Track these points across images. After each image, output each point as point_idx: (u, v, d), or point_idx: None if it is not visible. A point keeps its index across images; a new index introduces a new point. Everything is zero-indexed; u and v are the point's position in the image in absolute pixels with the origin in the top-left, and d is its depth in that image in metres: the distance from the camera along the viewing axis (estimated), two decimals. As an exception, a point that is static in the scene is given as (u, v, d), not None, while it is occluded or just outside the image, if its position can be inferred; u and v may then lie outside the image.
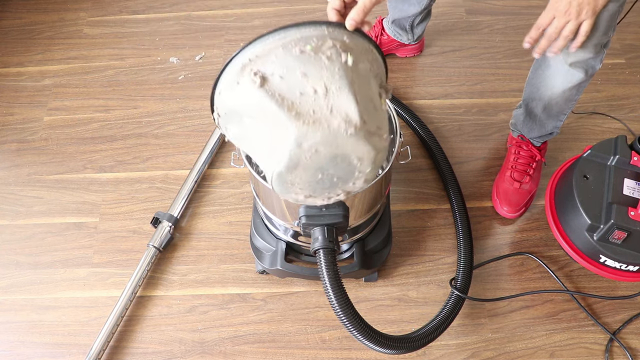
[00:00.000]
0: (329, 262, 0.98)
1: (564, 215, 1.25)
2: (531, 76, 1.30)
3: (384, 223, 1.27)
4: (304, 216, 0.99)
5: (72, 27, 1.86)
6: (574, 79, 1.17)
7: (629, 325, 1.28)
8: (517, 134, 1.46)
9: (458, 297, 1.23)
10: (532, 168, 1.43)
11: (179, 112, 1.64)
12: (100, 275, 1.37)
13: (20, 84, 1.73)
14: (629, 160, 1.21)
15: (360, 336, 0.99)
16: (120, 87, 1.70)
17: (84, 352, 1.25)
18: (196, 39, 1.81)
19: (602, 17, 1.02)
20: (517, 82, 1.66)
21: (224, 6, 1.89)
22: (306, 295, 1.33)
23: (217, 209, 1.46)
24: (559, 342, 1.26)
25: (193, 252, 1.40)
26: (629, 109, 1.61)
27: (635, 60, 1.71)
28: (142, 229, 1.43)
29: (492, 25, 1.81)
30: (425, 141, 1.52)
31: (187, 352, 1.26)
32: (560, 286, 1.32)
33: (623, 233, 1.13)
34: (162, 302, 1.33)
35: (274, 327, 1.29)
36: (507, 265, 1.37)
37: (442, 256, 1.38)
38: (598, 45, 1.10)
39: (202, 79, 1.71)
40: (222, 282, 1.35)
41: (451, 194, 1.41)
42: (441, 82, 1.68)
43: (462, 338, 1.27)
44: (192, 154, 1.55)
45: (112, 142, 1.59)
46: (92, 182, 1.52)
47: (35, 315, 1.32)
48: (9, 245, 1.42)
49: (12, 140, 1.60)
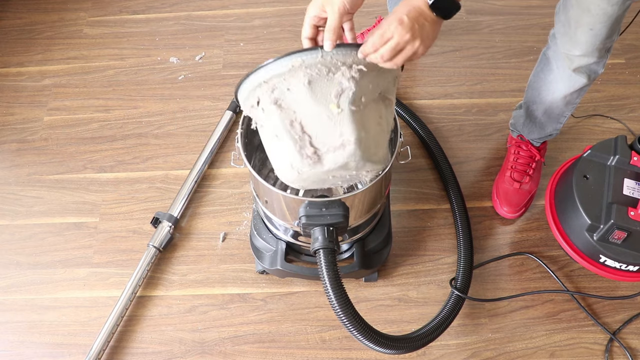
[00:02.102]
0: (329, 262, 0.98)
1: (564, 215, 1.25)
2: (533, 79, 1.30)
3: (384, 223, 1.27)
4: (304, 216, 0.99)
5: (72, 27, 1.86)
6: (576, 84, 1.17)
7: (629, 325, 1.28)
8: (516, 134, 1.46)
9: (458, 297, 1.23)
10: (532, 168, 1.43)
11: (179, 112, 1.64)
12: (100, 275, 1.37)
13: (20, 84, 1.73)
14: (629, 160, 1.21)
15: (360, 336, 0.99)
16: (120, 87, 1.70)
17: (84, 352, 1.25)
18: (196, 39, 1.81)
19: (607, 21, 1.01)
20: (517, 82, 1.66)
21: (224, 6, 1.89)
22: (306, 295, 1.33)
23: (217, 209, 1.46)
24: (559, 342, 1.26)
25: (193, 252, 1.40)
26: (629, 109, 1.61)
27: (635, 60, 1.71)
28: (142, 229, 1.43)
29: (492, 25, 1.81)
30: (425, 141, 1.52)
31: (187, 352, 1.26)
32: (560, 286, 1.32)
33: (623, 233, 1.13)
34: (162, 302, 1.33)
35: (274, 327, 1.29)
36: (507, 265, 1.37)
37: (442, 256, 1.38)
38: (602, 50, 1.09)
39: (202, 79, 1.71)
40: (222, 282, 1.35)
41: (451, 194, 1.41)
42: (441, 82, 1.68)
43: (462, 338, 1.27)
44: (192, 154, 1.55)
45: (112, 142, 1.59)
46: (92, 182, 1.52)
47: (35, 315, 1.32)
48: (9, 245, 1.42)
49: (12, 140, 1.60)
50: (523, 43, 1.76)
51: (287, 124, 0.86)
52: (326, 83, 0.83)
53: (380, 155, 0.91)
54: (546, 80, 1.23)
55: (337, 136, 0.85)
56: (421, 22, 0.80)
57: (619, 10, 1.00)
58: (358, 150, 0.85)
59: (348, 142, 0.85)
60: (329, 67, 0.83)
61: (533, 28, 1.79)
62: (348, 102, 0.84)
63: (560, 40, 1.12)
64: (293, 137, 0.86)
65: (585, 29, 1.04)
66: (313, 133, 0.86)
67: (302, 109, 0.85)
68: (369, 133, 0.87)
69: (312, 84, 0.83)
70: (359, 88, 0.84)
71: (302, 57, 0.83)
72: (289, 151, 0.87)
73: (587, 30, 1.04)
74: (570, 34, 1.08)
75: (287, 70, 0.83)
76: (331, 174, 0.89)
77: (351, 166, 0.87)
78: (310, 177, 0.90)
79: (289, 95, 0.85)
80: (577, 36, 1.07)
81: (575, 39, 1.08)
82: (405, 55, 0.81)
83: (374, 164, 0.90)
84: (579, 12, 1.03)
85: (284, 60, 0.83)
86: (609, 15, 1.00)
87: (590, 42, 1.06)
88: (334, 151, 0.86)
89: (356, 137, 0.84)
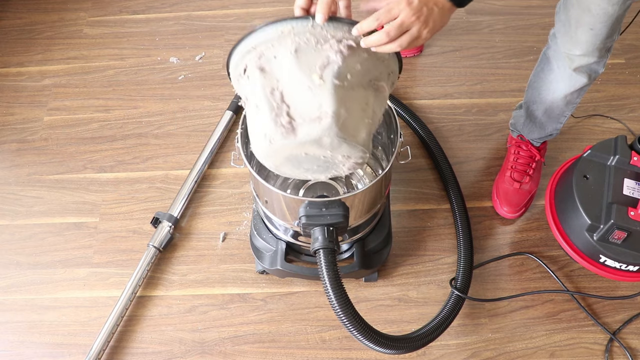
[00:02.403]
0: (329, 262, 0.98)
1: (564, 215, 1.25)
2: (533, 79, 1.30)
3: (384, 223, 1.27)
4: (304, 216, 0.99)
5: (72, 27, 1.86)
6: (577, 84, 1.17)
7: (629, 325, 1.28)
8: (516, 134, 1.46)
9: (458, 297, 1.23)
10: (532, 168, 1.43)
11: (179, 112, 1.64)
12: (100, 275, 1.37)
13: (20, 84, 1.73)
14: (629, 160, 1.20)
15: (360, 336, 0.99)
16: (120, 87, 1.70)
17: (84, 352, 1.25)
18: (196, 39, 1.81)
19: (608, 21, 1.01)
20: (517, 82, 1.66)
21: (224, 6, 1.89)
22: (306, 295, 1.33)
23: (217, 209, 1.46)
24: (559, 342, 1.26)
25: (193, 252, 1.40)
26: (629, 109, 1.61)
27: (635, 60, 1.71)
28: (142, 229, 1.43)
29: (492, 25, 1.81)
30: (425, 141, 1.52)
31: (187, 352, 1.26)
32: (560, 286, 1.32)
33: (623, 233, 1.13)
34: (162, 302, 1.33)
35: (274, 327, 1.29)
36: (507, 265, 1.37)
37: (442, 256, 1.38)
38: (603, 50, 1.09)
39: (202, 79, 1.71)
40: (222, 282, 1.35)
41: (451, 194, 1.41)
42: (441, 82, 1.68)
43: (462, 338, 1.27)
44: (192, 154, 1.55)
45: (112, 142, 1.59)
46: (92, 182, 1.52)
47: (35, 315, 1.32)
48: (9, 245, 1.42)
49: (12, 140, 1.60)
50: (523, 43, 1.76)
51: (267, 91, 0.83)
52: (313, 54, 0.82)
53: (359, 140, 0.86)
54: (546, 80, 1.23)
55: (316, 108, 0.82)
56: (430, 5, 0.79)
57: (620, 10, 0.99)
58: (334, 126, 0.81)
59: (325, 114, 0.81)
60: (317, 38, 0.82)
61: (533, 28, 1.79)
62: (332, 75, 0.81)
63: (561, 39, 1.12)
64: (271, 105, 0.83)
65: (585, 28, 1.04)
66: (292, 103, 0.83)
67: (285, 77, 0.83)
68: (350, 114, 0.84)
69: (299, 53, 0.81)
70: (345, 64, 0.82)
71: (292, 24, 0.82)
72: (265, 119, 0.84)
73: (588, 30, 1.04)
74: (571, 33, 1.08)
75: (276, 37, 0.82)
76: (304, 150, 0.86)
77: (325, 143, 0.83)
78: (282, 149, 0.86)
79: (275, 63, 0.83)
80: (578, 36, 1.07)
81: (575, 39, 1.08)
82: (411, 37, 0.79)
83: (351, 147, 0.86)
84: (580, 11, 1.03)
85: (274, 25, 0.82)
86: (609, 14, 1.00)
87: (590, 42, 1.06)
88: (309, 123, 0.82)
89: (334, 111, 0.81)
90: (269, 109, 0.83)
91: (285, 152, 0.86)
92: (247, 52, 0.85)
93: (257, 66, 0.84)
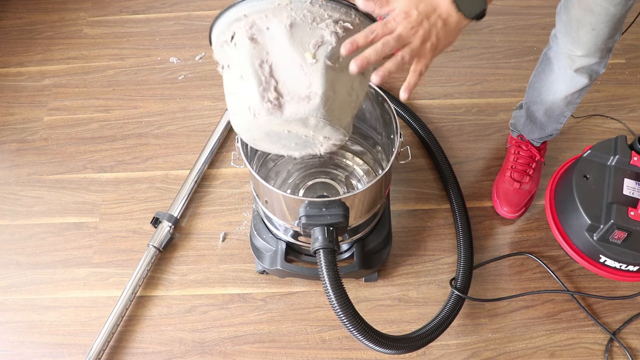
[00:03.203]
0: (329, 262, 0.98)
1: (564, 215, 1.25)
2: (533, 80, 1.30)
3: (384, 223, 1.27)
4: (304, 216, 0.99)
5: (72, 27, 1.86)
6: (577, 85, 1.17)
7: (629, 325, 1.28)
8: (516, 134, 1.46)
9: (458, 297, 1.23)
10: (532, 168, 1.43)
11: (179, 112, 1.64)
12: (100, 275, 1.37)
13: (20, 84, 1.73)
14: (629, 160, 1.21)
15: (360, 336, 0.99)
16: (120, 87, 1.70)
17: (84, 352, 1.25)
18: (196, 39, 1.81)
19: (609, 21, 1.01)
20: (517, 82, 1.66)
21: (224, 6, 1.88)
22: (306, 295, 1.33)
23: (217, 209, 1.46)
24: (559, 342, 1.26)
25: (193, 252, 1.40)
26: (629, 109, 1.61)
27: (635, 60, 1.71)
28: (142, 229, 1.43)
29: (492, 25, 1.81)
30: (425, 141, 1.52)
31: (187, 352, 1.26)
32: (560, 286, 1.32)
33: (623, 233, 1.13)
34: (162, 302, 1.33)
35: (274, 327, 1.29)
36: (507, 265, 1.37)
37: (442, 256, 1.38)
38: (604, 50, 1.09)
39: (202, 79, 1.71)
40: (222, 282, 1.35)
41: (451, 194, 1.41)
42: (441, 82, 1.68)
43: (462, 338, 1.27)
44: (192, 154, 1.55)
45: (112, 142, 1.59)
46: (92, 182, 1.52)
47: (35, 315, 1.32)
48: (9, 245, 1.42)
49: (12, 140, 1.60)
50: (523, 43, 1.76)
51: (256, 63, 0.81)
52: (308, 31, 0.80)
53: (343, 123, 0.85)
54: (547, 81, 1.23)
55: (305, 87, 0.80)
56: (433, 19, 0.72)
57: (622, 10, 0.99)
58: (322, 107, 0.80)
59: (314, 95, 0.79)
60: (315, 16, 0.80)
61: (533, 28, 1.79)
62: (325, 55, 0.80)
63: (562, 40, 1.12)
64: (259, 78, 0.80)
65: (587, 29, 1.04)
66: (281, 78, 0.81)
67: (276, 51, 0.81)
68: (337, 97, 0.82)
69: (294, 28, 0.80)
70: (339, 46, 0.80)
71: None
72: (251, 92, 0.81)
73: (589, 31, 1.04)
74: (572, 34, 1.08)
75: (272, 8, 0.80)
76: (287, 128, 0.84)
77: (311, 123, 0.82)
78: (266, 125, 0.83)
79: (267, 34, 0.81)
80: (579, 36, 1.07)
81: (577, 39, 1.08)
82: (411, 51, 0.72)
83: (334, 130, 0.84)
84: (581, 12, 1.03)
85: None
86: (611, 15, 0.99)
87: (592, 42, 1.06)
88: (297, 102, 0.80)
89: (324, 92, 0.79)
90: (257, 82, 0.80)
91: (267, 127, 0.84)
92: (236, 20, 0.83)
93: (247, 35, 0.82)
